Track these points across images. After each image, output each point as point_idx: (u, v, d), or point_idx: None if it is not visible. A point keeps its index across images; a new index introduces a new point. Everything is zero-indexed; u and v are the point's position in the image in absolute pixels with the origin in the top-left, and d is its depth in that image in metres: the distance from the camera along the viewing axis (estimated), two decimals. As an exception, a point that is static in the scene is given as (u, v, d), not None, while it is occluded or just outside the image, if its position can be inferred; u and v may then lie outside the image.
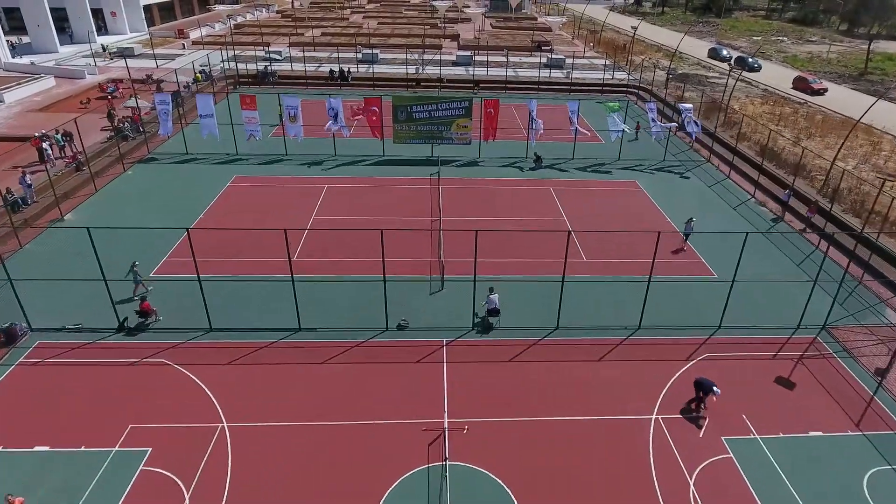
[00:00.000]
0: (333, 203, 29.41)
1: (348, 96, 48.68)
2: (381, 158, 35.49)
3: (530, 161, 35.40)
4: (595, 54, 70.67)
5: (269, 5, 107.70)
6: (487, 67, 57.06)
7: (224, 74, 50.55)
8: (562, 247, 23.20)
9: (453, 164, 35.02)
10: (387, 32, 77.50)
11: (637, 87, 53.72)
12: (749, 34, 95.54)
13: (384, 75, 54.28)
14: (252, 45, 66.92)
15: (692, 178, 34.55)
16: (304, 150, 35.64)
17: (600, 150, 38.27)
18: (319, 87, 51.87)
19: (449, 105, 34.13)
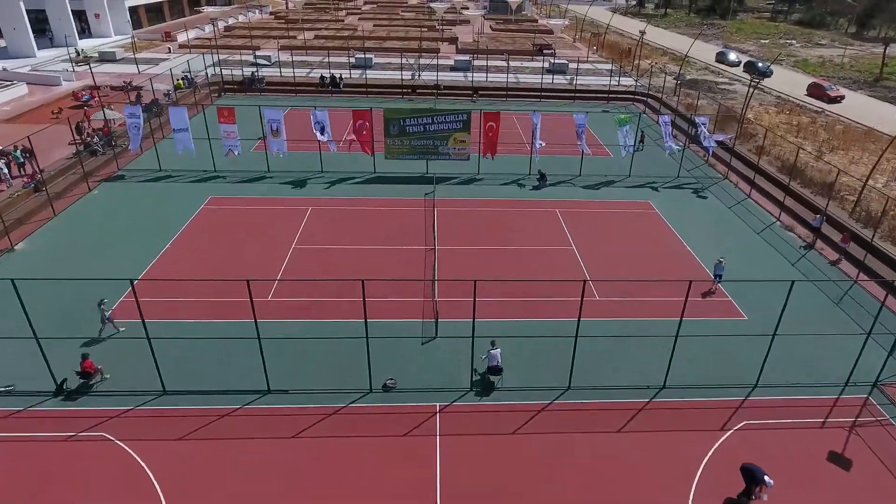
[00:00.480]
0: (317, 228, 26.57)
1: (339, 104, 45.94)
2: (371, 175, 32.66)
3: (534, 179, 32.56)
4: (599, 58, 67.89)
5: (261, 6, 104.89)
6: (487, 73, 54.27)
7: (208, 81, 47.63)
8: (573, 285, 20.45)
9: (450, 181, 32.19)
10: (382, 35, 74.70)
11: (645, 95, 50.90)
12: (756, 37, 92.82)
13: (378, 81, 51.45)
14: (241, 49, 64.12)
15: (710, 197, 31.75)
16: (289, 166, 32.80)
17: (609, 165, 35.45)
18: (309, 95, 49.03)
19: (445, 118, 31.30)
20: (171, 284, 20.87)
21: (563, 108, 47.83)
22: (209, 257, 23.79)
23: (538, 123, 31.81)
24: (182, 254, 24.02)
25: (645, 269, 23.96)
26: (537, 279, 22.34)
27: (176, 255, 23.90)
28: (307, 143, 33.02)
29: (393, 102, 47.54)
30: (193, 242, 25.00)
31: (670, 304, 21.33)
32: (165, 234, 25.53)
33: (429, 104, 47.02)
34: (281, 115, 31.03)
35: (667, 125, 32.77)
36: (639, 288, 22.42)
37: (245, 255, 24.05)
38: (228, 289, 21.27)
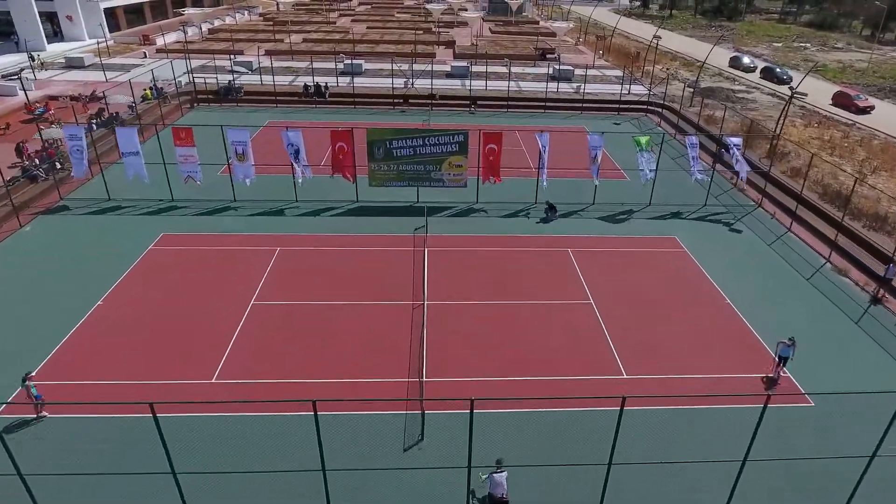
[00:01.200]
0: (284, 275, 22.22)
1: (323, 117, 41.55)
2: (353, 205, 28.31)
3: (541, 209, 28.20)
4: (606, 63, 63.59)
5: (250, 7, 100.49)
6: (486, 80, 49.94)
7: (177, 91, 43.15)
8: (595, 359, 16.37)
9: (444, 212, 27.85)
10: (375, 38, 70.34)
11: (660, 105, 46.57)
12: (768, 39, 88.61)
13: (367, 90, 47.09)
14: (222, 54, 59.72)
15: (744, 230, 27.44)
16: (258, 193, 28.47)
17: (626, 190, 31.11)
18: (291, 106, 44.65)
19: (439, 140, 26.98)
20: (84, 364, 16.53)
21: (570, 121, 43.52)
22: (145, 320, 19.44)
23: (546, 146, 27.47)
24: (113, 316, 19.65)
25: (679, 330, 19.67)
26: (550, 377, 18.03)
27: (105, 317, 19.53)
28: (283, 166, 28.66)
29: (383, 115, 43.21)
30: (130, 296, 20.64)
31: (720, 382, 17.13)
32: (100, 284, 21.16)
33: (422, 116, 42.68)
34: (247, 136, 26.67)
35: (694, 148, 28.43)
36: (673, 356, 18.12)
37: (191, 315, 19.70)
38: (161, 371, 17.00)
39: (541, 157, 27.66)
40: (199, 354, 17.81)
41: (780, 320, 20.41)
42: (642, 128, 42.75)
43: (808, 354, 18.24)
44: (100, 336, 18.49)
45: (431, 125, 39.90)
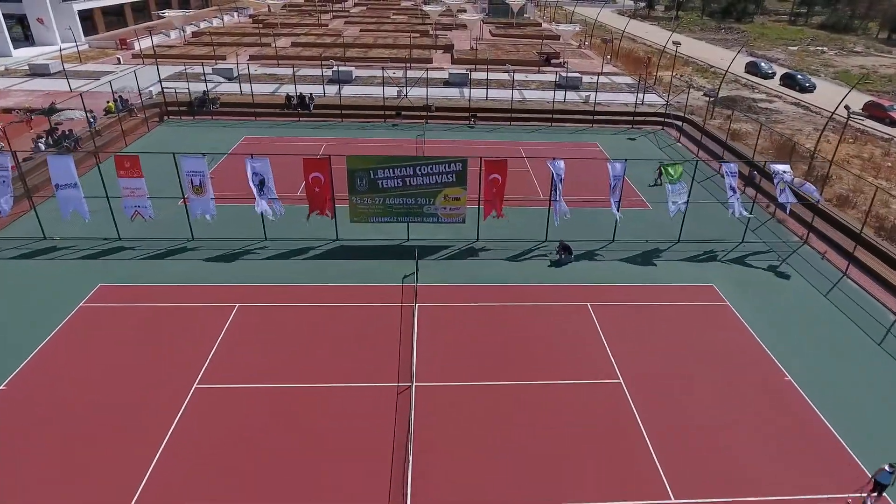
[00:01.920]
0: (240, 343, 18.02)
1: (306, 132, 37.30)
2: (332, 245, 24.11)
3: (553, 248, 23.98)
4: (615, 69, 59.41)
5: (240, 9, 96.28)
6: (487, 89, 45.72)
7: (142, 103, 38.82)
8: (631, 474, 12.19)
9: (438, 254, 23.64)
10: (368, 42, 66.15)
11: (679, 118, 42.36)
12: (782, 43, 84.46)
13: (357, 101, 42.89)
14: (205, 59, 55.51)
15: (792, 275, 23.25)
16: (220, 230, 24.29)
17: (650, 222, 26.88)
18: (272, 119, 40.44)
19: (432, 169, 22.78)
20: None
21: (580, 136, 39.32)
22: (54, 417, 15.25)
23: (561, 175, 23.26)
24: (13, 409, 15.45)
25: (733, 426, 15.49)
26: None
27: (17, 398, 15.36)
28: (242, 195, 24.47)
29: (372, 130, 39.00)
30: (43, 377, 16.44)
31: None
32: (7, 360, 16.96)
33: (416, 131, 38.47)
34: (204, 165, 22.42)
35: (732, 177, 24.23)
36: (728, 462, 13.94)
37: (115, 407, 15.50)
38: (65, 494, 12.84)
39: (554, 188, 23.45)
40: (117, 467, 13.64)
41: (857, 405, 16.27)
42: (660, 143, 38.58)
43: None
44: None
45: (426, 143, 35.76)
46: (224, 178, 29.53)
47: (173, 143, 35.07)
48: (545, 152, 35.41)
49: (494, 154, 34.18)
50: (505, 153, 34.94)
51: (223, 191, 27.75)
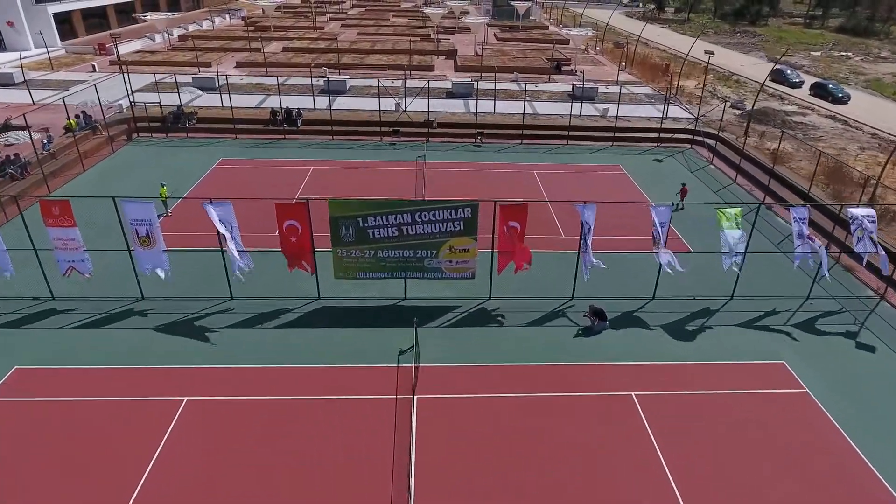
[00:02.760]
0: (183, 465, 13.68)
1: (291, 153, 32.86)
2: (312, 305, 19.78)
3: (583, 316, 19.56)
4: (631, 78, 55.03)
5: (233, 10, 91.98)
6: (495, 102, 41.34)
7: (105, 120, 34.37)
8: None
9: (442, 319, 19.31)
10: (365, 47, 61.82)
11: (708, 135, 37.95)
12: (804, 48, 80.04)
13: (350, 116, 38.55)
14: (188, 66, 51.26)
15: (877, 345, 18.90)
16: (176, 288, 19.96)
17: (694, 269, 22.25)
18: (255, 136, 36.09)
19: (435, 216, 18.45)
20: None
21: (601, 156, 34.96)
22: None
23: (591, 223, 18.90)
24: None
25: None
26: None
27: None
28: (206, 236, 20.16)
29: (366, 149, 34.66)
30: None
31: None
32: None
33: (416, 151, 34.12)
34: (152, 212, 18.06)
35: (803, 223, 19.84)
36: None
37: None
38: None
39: (583, 239, 19.11)
40: None
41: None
42: (691, 165, 34.22)
43: None
44: None
45: (427, 166, 31.42)
46: (187, 217, 25.22)
47: (138, 166, 30.77)
48: (564, 179, 31.09)
49: (506, 181, 30.28)
50: (518, 178, 30.73)
51: (184, 231, 23.46)
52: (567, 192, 29.45)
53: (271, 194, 27.47)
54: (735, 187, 31.15)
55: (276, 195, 27.15)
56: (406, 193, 28.44)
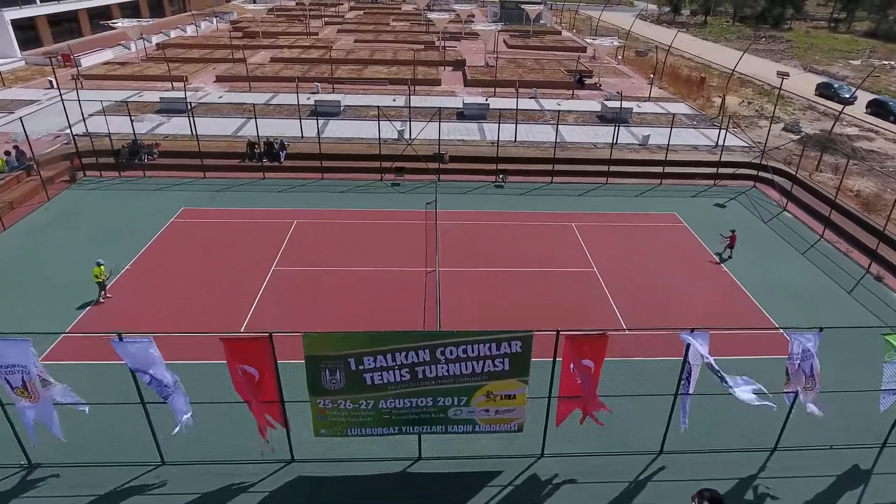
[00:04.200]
0: None
1: (270, 197, 26.31)
2: (281, 472, 13.38)
3: (691, 499, 13.19)
4: (664, 93, 48.68)
5: (222, 14, 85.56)
6: (516, 129, 34.96)
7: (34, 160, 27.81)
8: None
9: (478, 494, 12.93)
10: (363, 57, 55.44)
11: (779, 171, 31.53)
12: (840, 56, 73.75)
13: (343, 146, 32.20)
14: (161, 81, 44.93)
15: None
16: (87, 443, 13.58)
17: (843, 414, 15.90)
18: (228, 175, 29.68)
19: (467, 352, 12.05)
20: None
21: (650, 199, 28.59)
22: None
23: (702, 359, 12.48)
24: None
25: None
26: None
27: None
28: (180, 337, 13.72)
29: (364, 192, 28.28)
30: None
31: None
32: None
33: (424, 193, 27.75)
34: (28, 356, 11.62)
35: None
36: None
37: None
38: None
39: (688, 378, 12.76)
40: None
41: None
42: (761, 213, 27.89)
43: None
44: None
45: (439, 217, 25.05)
46: (126, 299, 18.94)
47: (76, 222, 24.41)
48: (610, 235, 24.75)
49: (538, 238, 23.64)
50: (552, 235, 24.35)
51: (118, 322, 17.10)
52: (618, 255, 23.16)
53: (238, 265, 21.13)
54: (829, 248, 24.81)
55: (244, 268, 20.82)
56: (412, 257, 22.17)
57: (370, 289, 20.27)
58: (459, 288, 20.48)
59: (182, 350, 15.37)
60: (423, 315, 18.87)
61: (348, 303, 19.41)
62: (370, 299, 19.65)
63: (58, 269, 20.77)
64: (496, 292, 20.46)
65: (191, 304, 18.89)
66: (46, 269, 20.84)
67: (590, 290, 20.86)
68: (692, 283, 21.55)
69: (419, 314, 18.93)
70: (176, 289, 19.76)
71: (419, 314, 18.93)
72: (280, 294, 19.73)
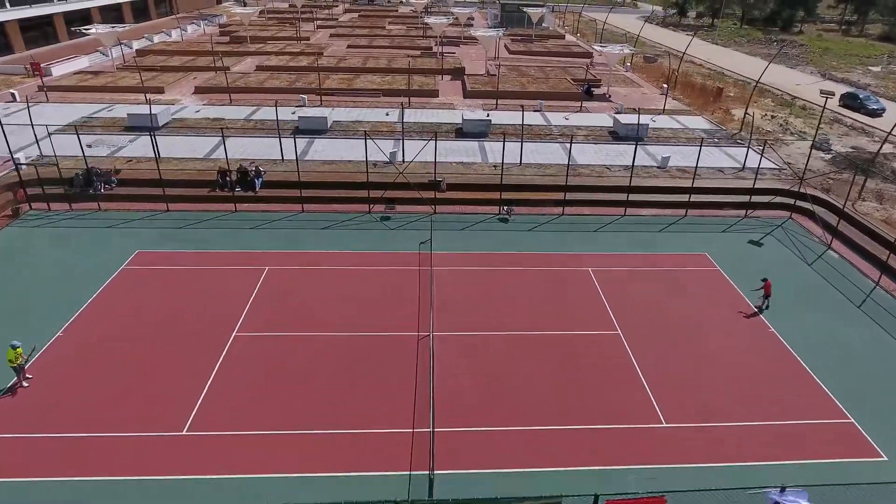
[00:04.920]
0: None
1: (239, 239, 22.50)
2: None
3: None
4: (678, 105, 45.15)
5: (209, 17, 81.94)
6: (522, 149, 31.41)
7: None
8: None
9: None
10: (355, 65, 51.87)
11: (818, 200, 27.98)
12: (859, 62, 70.25)
13: (328, 172, 28.66)
14: (134, 93, 41.42)
15: None
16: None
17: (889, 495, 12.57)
18: (195, 207, 26.11)
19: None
20: None
21: (674, 236, 25.01)
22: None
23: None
24: None
25: None
26: None
27: None
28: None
29: (349, 227, 24.71)
30: None
31: None
32: None
33: (418, 230, 24.18)
34: None
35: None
36: None
37: None
38: None
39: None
40: None
41: None
42: (804, 253, 24.36)
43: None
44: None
45: (434, 261, 21.48)
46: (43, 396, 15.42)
47: (14, 267, 20.85)
48: (634, 282, 21.23)
49: (551, 287, 19.50)
50: (567, 282, 20.73)
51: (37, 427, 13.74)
52: (644, 310, 19.67)
53: (193, 331, 17.61)
54: (887, 299, 21.31)
55: (199, 336, 17.29)
56: (402, 315, 18.67)
57: (349, 362, 16.76)
58: (458, 360, 16.99)
59: (105, 462, 11.93)
60: (414, 404, 15.33)
61: (320, 385, 15.88)
62: (348, 381, 16.12)
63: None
64: (502, 363, 16.97)
65: (126, 394, 15.34)
66: None
67: (614, 361, 17.36)
68: (730, 342, 18.22)
69: (407, 403, 15.40)
70: (112, 368, 16.20)
71: (407, 403, 15.40)
72: (237, 377, 16.11)
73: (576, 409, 15.29)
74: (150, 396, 15.23)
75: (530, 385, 16.15)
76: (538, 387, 16.09)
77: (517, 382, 16.24)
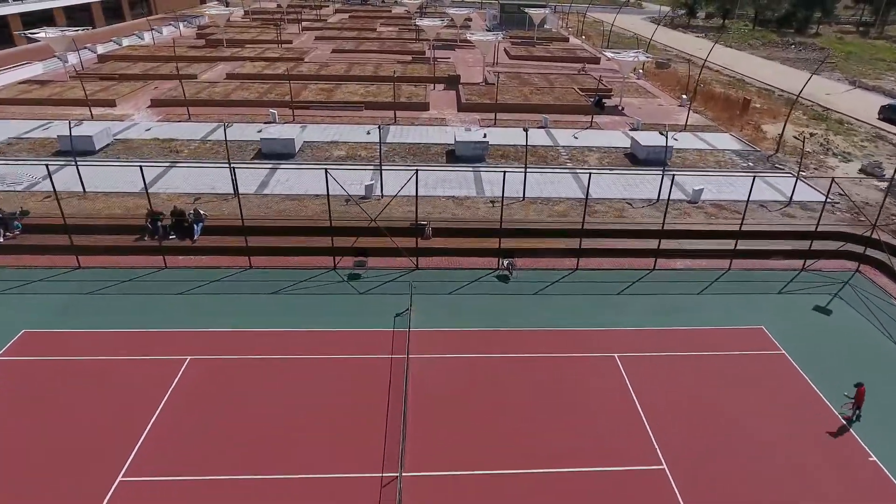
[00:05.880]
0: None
1: (164, 304, 16.74)
2: None
3: None
4: (701, 118, 39.79)
5: (188, 19, 76.56)
6: (525, 179, 26.06)
7: None
8: None
9: None
10: (337, 72, 46.53)
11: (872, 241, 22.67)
12: (888, 67, 64.96)
13: (288, 212, 23.30)
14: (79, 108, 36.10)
15: None
16: None
17: None
18: (115, 262, 20.74)
19: None
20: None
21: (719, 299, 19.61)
22: None
23: None
24: None
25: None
26: None
27: None
28: None
29: (308, 294, 19.33)
30: None
31: None
32: None
33: (398, 295, 18.80)
34: None
35: None
36: None
37: None
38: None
39: None
40: None
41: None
42: (887, 327, 19.04)
43: None
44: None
45: (412, 346, 16.15)
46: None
47: None
48: (675, 376, 15.88)
49: (567, 388, 14.28)
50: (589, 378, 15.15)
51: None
52: (693, 420, 14.39)
53: (64, 473, 12.22)
54: None
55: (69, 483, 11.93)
56: (363, 440, 13.36)
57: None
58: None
59: None
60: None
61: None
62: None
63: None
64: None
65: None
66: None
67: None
68: (815, 476, 12.91)
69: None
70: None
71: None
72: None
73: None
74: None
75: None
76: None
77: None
